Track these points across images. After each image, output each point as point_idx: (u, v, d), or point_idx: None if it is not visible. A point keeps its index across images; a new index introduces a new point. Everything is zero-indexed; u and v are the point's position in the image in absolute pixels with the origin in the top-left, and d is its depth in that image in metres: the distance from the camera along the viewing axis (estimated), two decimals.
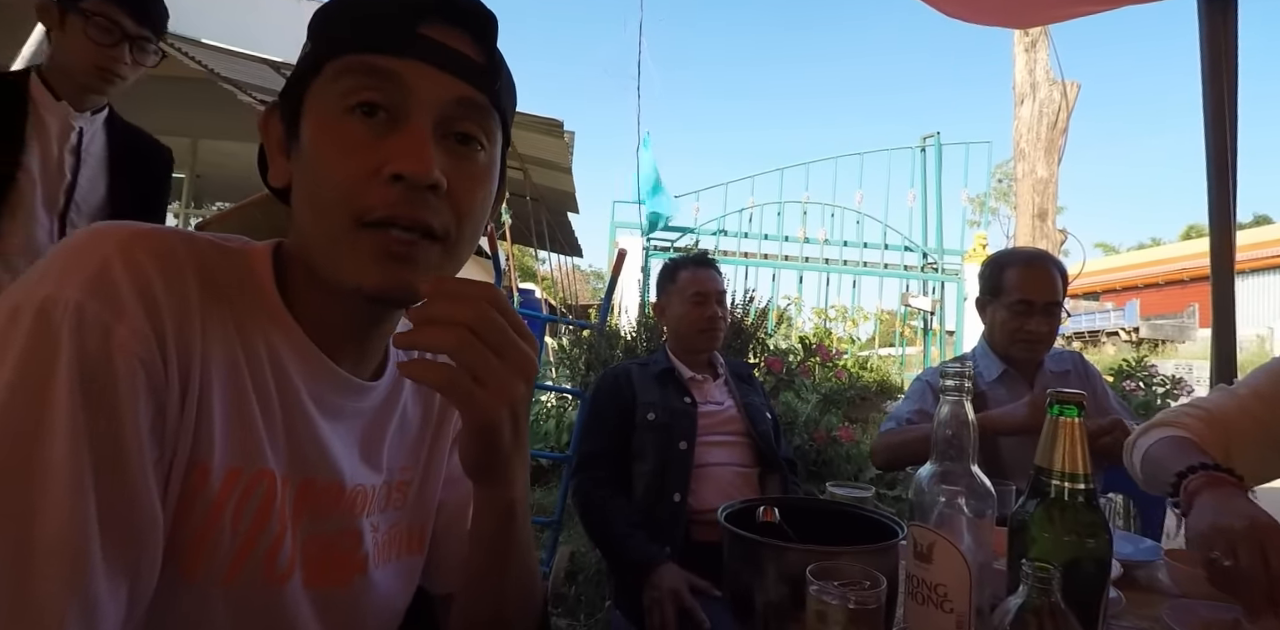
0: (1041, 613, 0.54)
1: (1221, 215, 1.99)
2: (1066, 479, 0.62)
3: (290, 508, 0.53)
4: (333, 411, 0.56)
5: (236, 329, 0.50)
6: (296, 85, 0.52)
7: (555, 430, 3.84)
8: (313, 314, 0.54)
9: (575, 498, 1.59)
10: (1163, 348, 13.53)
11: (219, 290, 0.49)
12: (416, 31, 0.50)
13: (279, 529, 0.52)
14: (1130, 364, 4.27)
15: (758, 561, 0.77)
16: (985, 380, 1.68)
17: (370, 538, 0.60)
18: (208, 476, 0.48)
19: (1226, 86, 1.92)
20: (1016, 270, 1.66)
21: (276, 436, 0.52)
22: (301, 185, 0.52)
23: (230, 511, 0.49)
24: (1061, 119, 6.10)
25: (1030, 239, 6.10)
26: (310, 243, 0.52)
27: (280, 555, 0.52)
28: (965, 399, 0.68)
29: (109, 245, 0.45)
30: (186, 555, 0.47)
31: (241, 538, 0.50)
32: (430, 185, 0.49)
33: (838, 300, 6.16)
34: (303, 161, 0.51)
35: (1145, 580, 1.07)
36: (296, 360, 0.53)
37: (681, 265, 1.78)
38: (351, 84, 0.49)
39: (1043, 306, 1.61)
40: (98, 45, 1.33)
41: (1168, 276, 18.25)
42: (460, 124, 0.52)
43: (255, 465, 0.50)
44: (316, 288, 0.54)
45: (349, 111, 0.49)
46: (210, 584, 0.49)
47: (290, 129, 0.53)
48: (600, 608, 2.35)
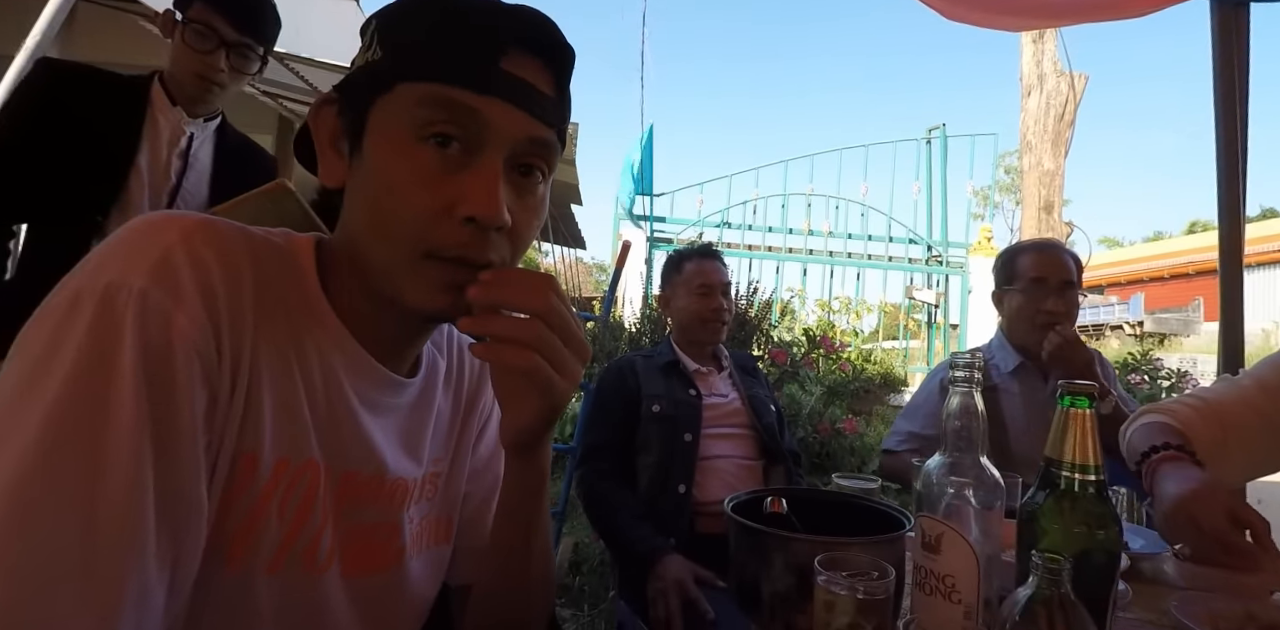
0: (1051, 604, 0.54)
1: (1231, 209, 1.98)
2: (1077, 470, 0.61)
3: (331, 498, 0.54)
4: (375, 407, 0.58)
5: (287, 324, 0.51)
6: (362, 91, 0.52)
7: (559, 421, 3.85)
8: (357, 315, 0.55)
9: (580, 489, 1.59)
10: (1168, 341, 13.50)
11: (271, 285, 0.50)
12: (499, 66, 0.50)
13: (321, 520, 0.53)
14: (1135, 358, 4.27)
15: (765, 552, 0.77)
16: (1000, 372, 1.67)
17: (408, 529, 0.62)
18: (256, 466, 0.48)
19: (1238, 83, 1.92)
20: (1029, 255, 1.66)
21: (322, 429, 0.53)
22: (364, 202, 0.52)
23: (277, 501, 0.50)
24: (1069, 111, 6.05)
25: (1036, 232, 6.07)
26: (371, 261, 0.52)
27: (321, 545, 0.53)
28: (975, 390, 0.68)
29: (172, 234, 0.45)
30: (233, 543, 0.48)
31: (287, 527, 0.51)
32: (498, 227, 0.50)
33: (841, 292, 6.15)
34: (367, 177, 0.51)
35: (1151, 573, 1.06)
36: (341, 357, 0.54)
37: (687, 257, 1.78)
38: (430, 115, 0.49)
39: (1057, 285, 1.59)
40: (195, 52, 1.34)
41: (1173, 270, 18.18)
42: (528, 158, 0.53)
43: (302, 456, 0.51)
44: (364, 294, 0.55)
45: (423, 140, 0.50)
46: (254, 572, 0.49)
47: (352, 133, 0.53)
48: (604, 598, 2.36)
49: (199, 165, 1.48)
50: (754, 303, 4.52)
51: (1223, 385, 1.24)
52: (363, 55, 0.53)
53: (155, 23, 1.48)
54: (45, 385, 0.39)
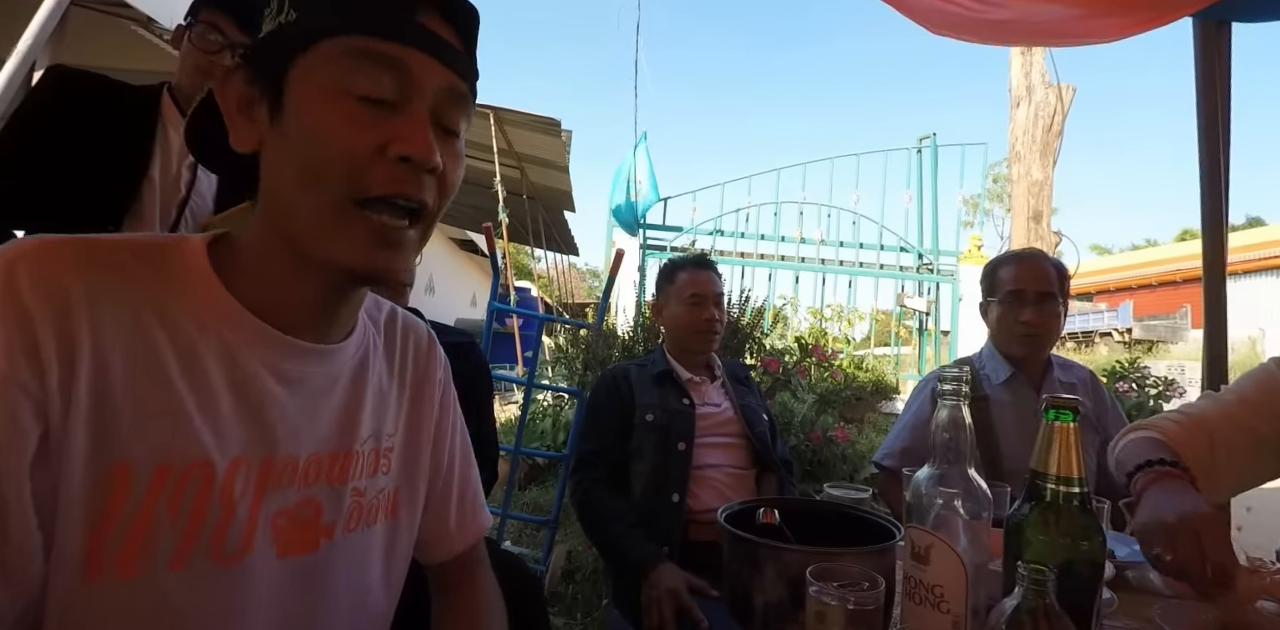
0: (1036, 614, 0.55)
1: (1214, 219, 2.02)
2: (1061, 483, 0.63)
3: (246, 486, 0.53)
4: (296, 380, 0.57)
5: (158, 321, 0.50)
6: (278, 54, 0.52)
7: (552, 429, 3.85)
8: (271, 290, 0.55)
9: (574, 497, 1.59)
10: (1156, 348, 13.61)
11: (129, 287, 0.50)
12: (417, 20, 0.53)
13: (223, 512, 0.52)
14: (1123, 365, 4.30)
15: (757, 562, 0.78)
16: (992, 383, 1.68)
17: (347, 502, 0.61)
18: (130, 476, 0.48)
19: (1220, 98, 1.97)
20: (1009, 267, 1.68)
21: (221, 420, 0.52)
22: (289, 157, 0.52)
23: (164, 505, 0.49)
24: (1057, 122, 6.13)
25: (1025, 241, 6.13)
26: (300, 215, 0.52)
27: (230, 536, 0.52)
28: (963, 403, 0.69)
29: None
30: (122, 551, 0.48)
31: (182, 527, 0.50)
32: (430, 167, 0.52)
33: (833, 300, 6.18)
34: (295, 132, 0.51)
35: (1137, 581, 1.08)
36: (241, 337, 0.53)
37: (680, 266, 1.78)
38: (354, 66, 0.51)
39: (1035, 296, 1.62)
40: (202, 52, 1.34)
41: (1161, 278, 18.36)
42: (447, 110, 0.55)
43: (188, 459, 0.50)
44: (283, 263, 0.54)
45: (351, 92, 0.51)
46: (155, 574, 0.49)
47: (270, 96, 0.53)
48: (597, 607, 2.36)
49: (207, 177, 1.49)
50: (746, 311, 4.54)
51: (1206, 401, 1.26)
52: (272, 20, 0.53)
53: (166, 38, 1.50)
54: None
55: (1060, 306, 1.63)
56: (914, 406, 1.73)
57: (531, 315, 3.07)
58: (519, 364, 6.06)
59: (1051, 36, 2.28)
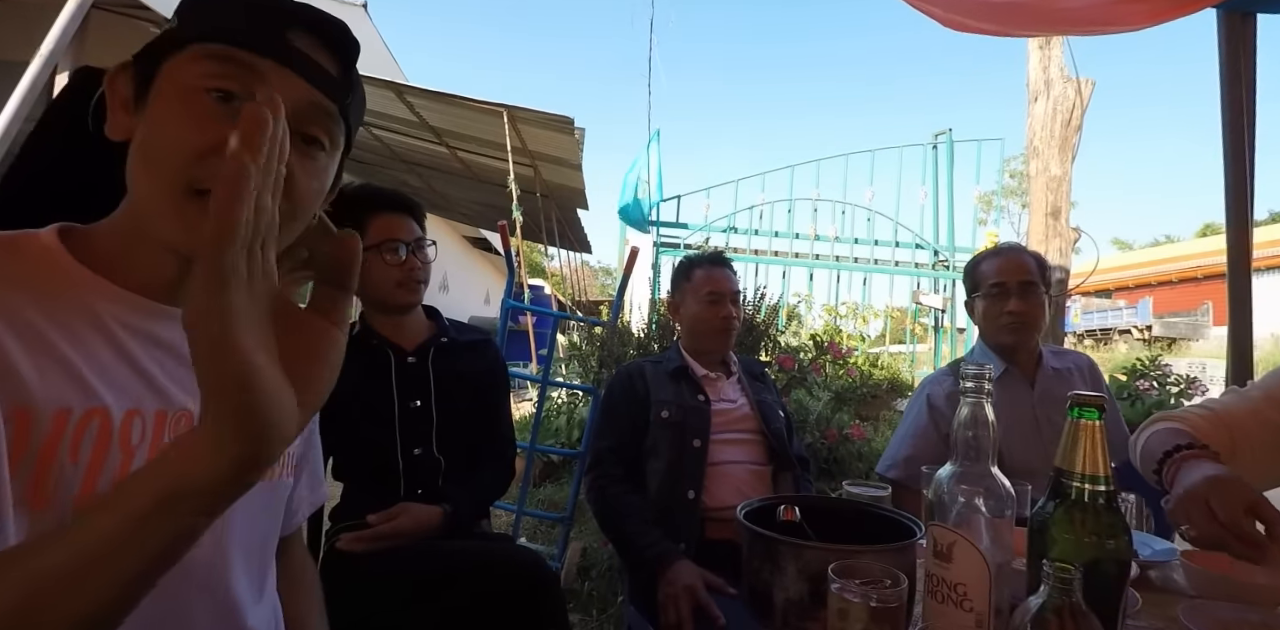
0: (1063, 612, 0.54)
1: (1239, 216, 1.98)
2: (1087, 481, 0.62)
3: (142, 436, 0.57)
4: (174, 343, 0.60)
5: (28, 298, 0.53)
6: (154, 52, 0.56)
7: (566, 427, 3.86)
8: (135, 264, 0.58)
9: (590, 494, 1.60)
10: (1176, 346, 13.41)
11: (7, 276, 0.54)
12: (284, 37, 0.56)
13: (122, 458, 0.55)
14: (1144, 363, 4.25)
15: (778, 559, 0.78)
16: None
17: None
18: (30, 418, 0.51)
19: (1245, 91, 1.93)
20: (988, 262, 1.71)
21: (109, 374, 0.55)
22: (139, 145, 0.56)
23: (66, 447, 0.52)
24: (1075, 116, 6.04)
25: (1043, 237, 6.05)
26: (138, 197, 0.56)
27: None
28: (985, 400, 0.69)
29: None
30: (30, 492, 0.51)
31: (84, 469, 0.53)
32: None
33: (848, 297, 6.15)
34: (147, 125, 0.55)
35: (1160, 581, 1.07)
36: (111, 304, 0.57)
37: (697, 263, 1.78)
38: (213, 69, 0.54)
39: (1017, 286, 1.63)
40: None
41: (1181, 274, 18.08)
42: (307, 124, 0.57)
43: (85, 405, 0.54)
44: (141, 240, 0.58)
45: (205, 91, 0.54)
46: (64, 514, 0.52)
47: (141, 91, 0.57)
48: (613, 603, 2.37)
49: None
50: (761, 308, 4.53)
51: (1231, 397, 1.25)
52: (162, 26, 0.60)
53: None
54: None
55: (1043, 295, 1.65)
56: (912, 414, 1.72)
57: (546, 313, 3.08)
58: (533, 362, 6.08)
59: (1073, 24, 2.24)
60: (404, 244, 1.42)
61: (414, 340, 1.51)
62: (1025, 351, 1.68)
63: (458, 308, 10.66)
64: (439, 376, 1.48)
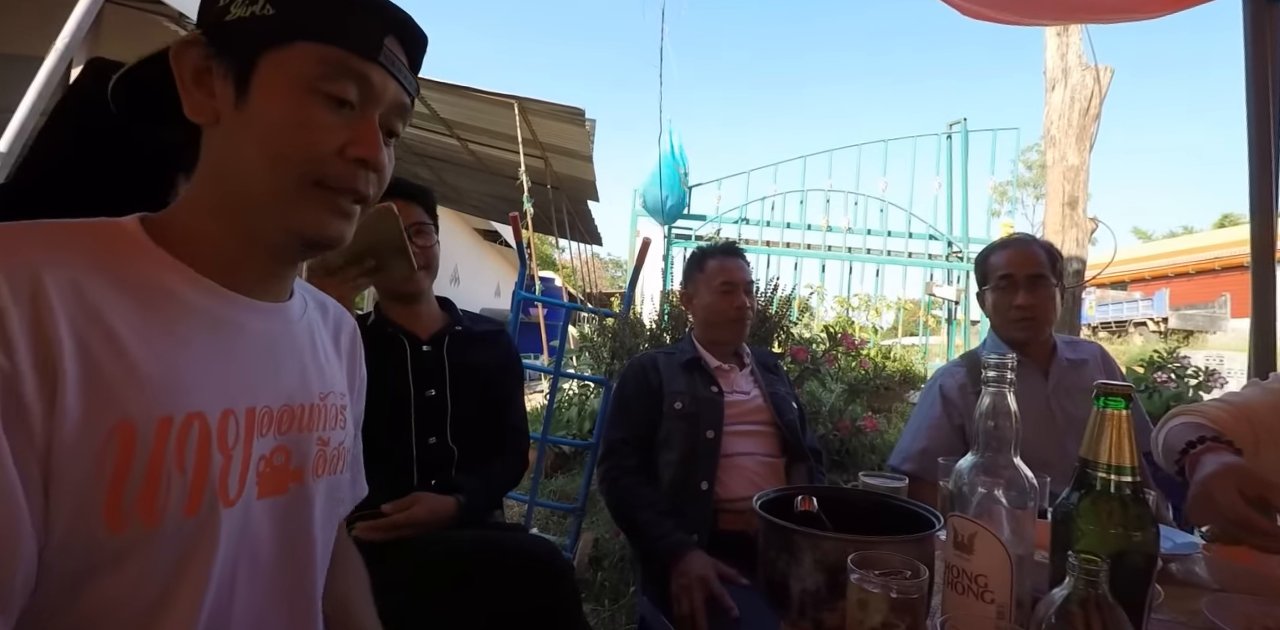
0: (1088, 605, 0.54)
1: (1263, 206, 1.95)
2: (1113, 471, 0.61)
3: (237, 435, 0.58)
4: (258, 334, 0.62)
5: (117, 289, 0.53)
6: (250, 41, 0.58)
7: (578, 418, 3.87)
8: (219, 255, 0.60)
9: (603, 485, 1.60)
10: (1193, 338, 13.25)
11: (87, 262, 0.53)
12: (385, 43, 0.61)
13: (223, 460, 0.56)
14: (1162, 355, 4.20)
15: (795, 550, 0.78)
16: None
17: (313, 450, 0.67)
18: (134, 431, 0.50)
19: (1271, 80, 1.88)
20: (998, 254, 1.68)
21: (203, 375, 0.56)
22: (254, 140, 0.58)
23: (172, 456, 0.52)
24: (1094, 105, 5.94)
25: (1060, 227, 5.98)
26: (259, 190, 0.58)
27: (230, 479, 0.57)
28: (1008, 390, 0.68)
29: None
30: (140, 502, 0.51)
31: (190, 475, 0.54)
32: (376, 167, 0.62)
33: (860, 289, 6.11)
34: (263, 118, 0.57)
35: (1182, 574, 1.06)
36: (200, 296, 0.58)
37: (710, 254, 1.78)
38: (328, 72, 0.58)
39: (1026, 279, 1.60)
40: None
41: (1199, 266, 17.84)
42: (393, 118, 0.64)
43: (185, 409, 0.54)
44: (228, 231, 0.60)
45: (321, 94, 0.58)
46: (171, 519, 0.52)
47: (237, 77, 0.58)
48: (625, 594, 2.38)
49: None
50: (774, 300, 4.50)
51: (1252, 390, 1.23)
52: (244, 7, 0.58)
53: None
54: None
55: (1054, 287, 1.62)
56: (924, 406, 1.70)
57: (558, 304, 3.08)
58: (544, 353, 6.09)
59: (1094, 12, 2.19)
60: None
61: (429, 329, 1.51)
62: (1037, 344, 1.65)
63: (469, 300, 10.65)
64: (454, 366, 1.48)
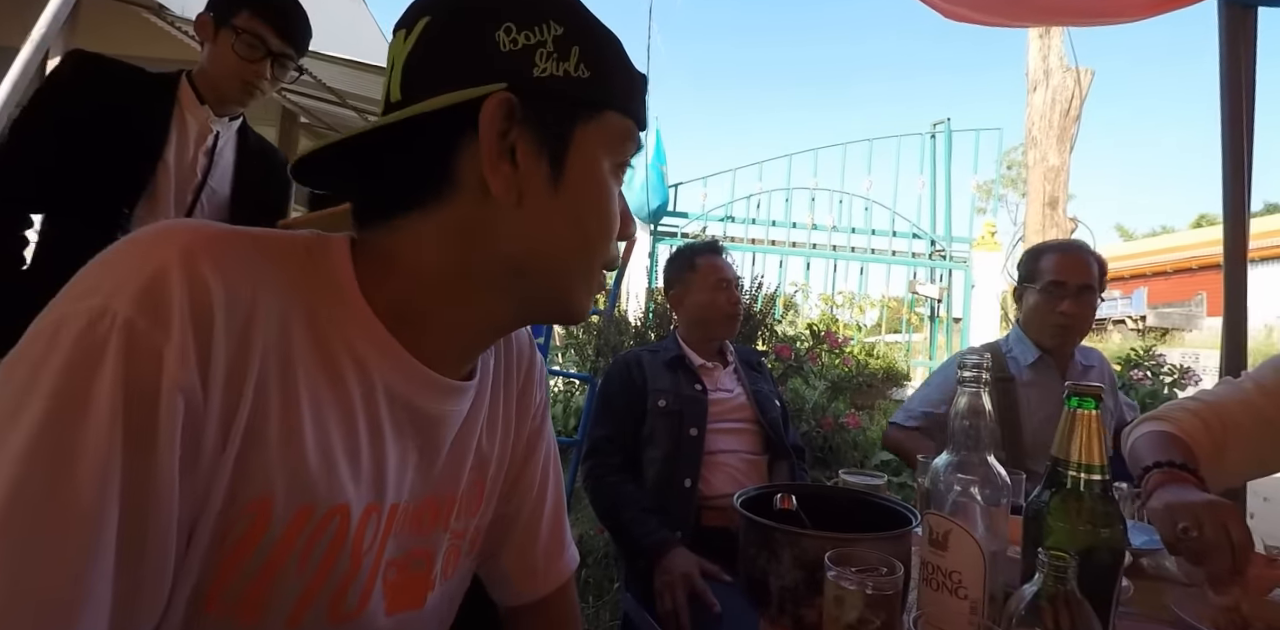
0: (1057, 600, 0.55)
1: (1236, 208, 1.99)
2: (1083, 470, 0.63)
3: (374, 538, 0.51)
4: (428, 419, 0.54)
5: (319, 351, 0.47)
6: (567, 108, 0.50)
7: (563, 415, 3.88)
8: (425, 318, 0.51)
9: (587, 482, 1.61)
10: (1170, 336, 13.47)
11: (300, 299, 0.46)
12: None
13: (351, 564, 0.49)
14: (1138, 353, 4.27)
15: (774, 547, 0.79)
16: (1020, 366, 1.70)
17: (444, 549, 0.59)
18: (269, 513, 0.44)
19: (1244, 83, 1.93)
20: (1052, 256, 1.68)
21: (359, 464, 0.49)
22: (567, 219, 0.51)
23: (298, 551, 0.46)
24: (1074, 106, 6.03)
25: (1040, 227, 6.06)
26: (561, 272, 0.53)
27: (351, 591, 0.50)
28: (983, 390, 0.69)
29: (169, 251, 0.41)
30: (245, 599, 0.45)
31: (309, 577, 0.47)
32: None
33: (845, 287, 6.16)
34: (574, 198, 0.51)
35: (1152, 569, 1.08)
36: (389, 371, 0.50)
37: (699, 252, 1.79)
38: (627, 149, 0.54)
39: (1075, 289, 1.62)
40: (242, 60, 1.39)
41: (1176, 265, 18.11)
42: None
43: (332, 501, 0.47)
44: (462, 296, 0.51)
45: (616, 172, 0.54)
46: (269, 626, 0.47)
47: (551, 154, 0.50)
48: (609, 590, 2.39)
49: (223, 163, 1.50)
50: (758, 298, 4.53)
51: (1224, 388, 1.26)
52: (554, 63, 0.49)
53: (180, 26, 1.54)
54: (18, 429, 0.36)
55: (1097, 300, 1.65)
56: (939, 377, 1.77)
57: None
58: None
59: (1075, 15, 2.23)
60: None
61: None
62: (1064, 349, 1.69)
63: None
64: None
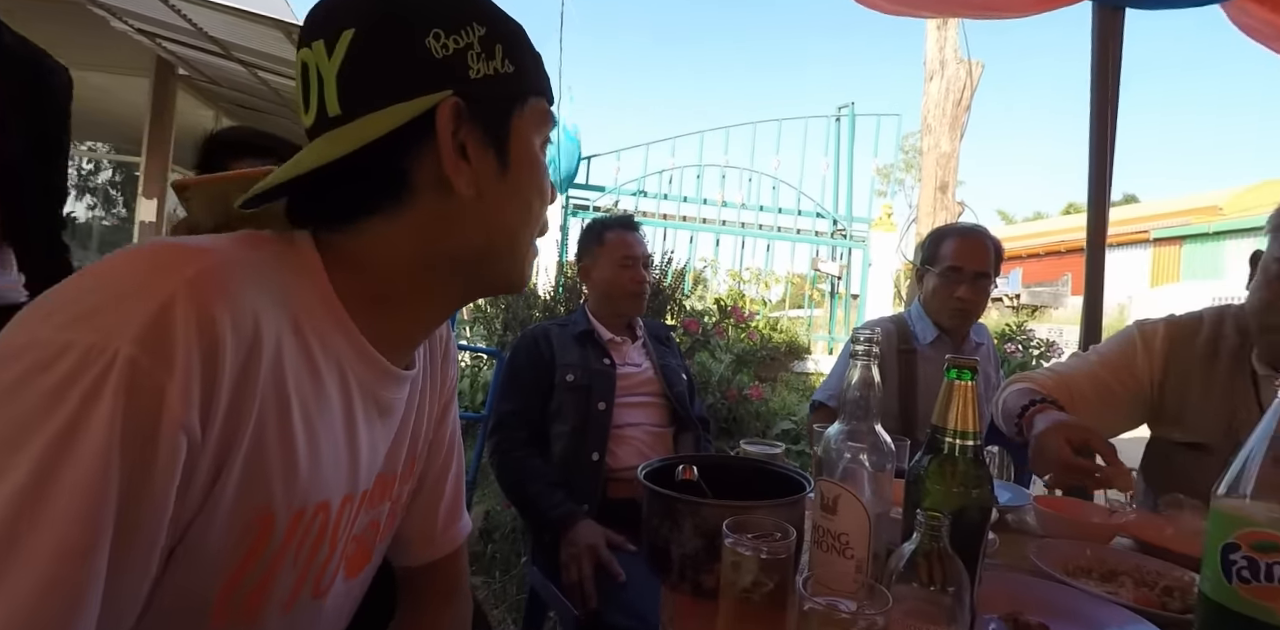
0: (931, 556, 0.59)
1: (1099, 195, 2.17)
2: (958, 436, 0.67)
3: (348, 523, 0.56)
4: (384, 409, 0.58)
5: (305, 359, 0.48)
6: (502, 103, 0.54)
7: (470, 390, 3.80)
8: (377, 316, 0.54)
9: (493, 457, 1.59)
10: (1040, 313, 14.75)
11: (287, 314, 0.47)
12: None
13: (330, 549, 0.54)
14: (1012, 329, 4.65)
15: (676, 517, 0.80)
16: (920, 342, 1.80)
17: (385, 515, 0.64)
18: (272, 524, 0.47)
19: (1111, 80, 2.08)
20: (952, 241, 1.76)
21: (339, 459, 0.53)
22: (514, 204, 0.56)
23: (293, 550, 0.50)
24: (965, 96, 6.39)
25: (932, 210, 6.43)
26: (497, 248, 0.56)
27: (329, 570, 0.55)
28: (873, 364, 0.73)
29: (173, 283, 0.40)
30: (248, 598, 0.48)
31: (299, 569, 0.52)
32: None
33: (752, 263, 6.32)
34: (517, 184, 0.55)
35: (1015, 523, 1.19)
36: (361, 368, 0.54)
37: (609, 226, 1.77)
38: (548, 125, 0.58)
39: (971, 275, 1.72)
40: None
41: (1048, 248, 19.75)
42: None
43: (317, 498, 0.50)
44: (429, 285, 0.55)
45: (543, 148, 0.58)
46: (268, 616, 0.50)
47: (495, 141, 0.54)
48: (516, 565, 2.39)
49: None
50: (668, 272, 4.58)
51: (1074, 360, 1.42)
52: (484, 63, 0.52)
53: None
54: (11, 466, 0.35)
55: (990, 285, 1.75)
56: (846, 354, 1.84)
57: None
58: None
59: (967, 7, 2.34)
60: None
61: None
62: (960, 329, 1.80)
63: None
64: None
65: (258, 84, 5.76)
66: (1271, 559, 0.59)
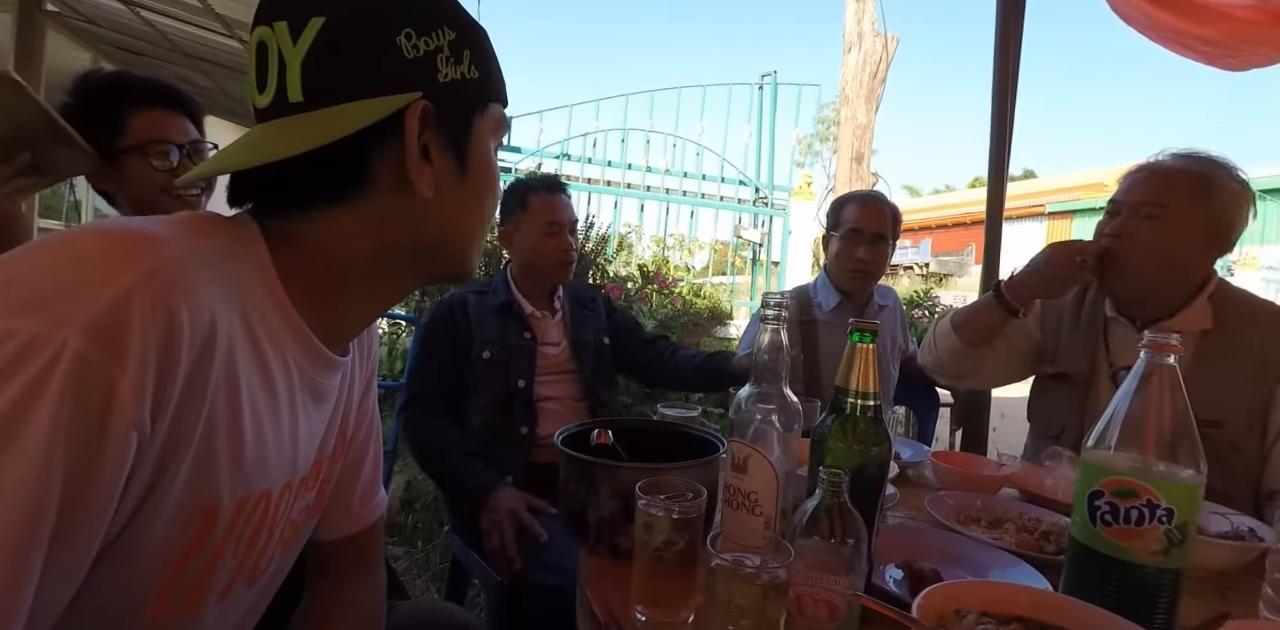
0: (832, 511, 0.62)
1: (999, 170, 2.29)
2: (859, 397, 0.70)
3: (286, 509, 0.57)
4: (320, 396, 0.59)
5: (255, 353, 0.49)
6: (465, 108, 0.55)
7: (388, 358, 3.69)
8: (323, 305, 0.55)
9: (406, 432, 1.54)
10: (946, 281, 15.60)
11: (237, 306, 0.47)
12: None
13: (267, 537, 0.55)
14: (919, 295, 4.90)
15: (592, 480, 0.81)
16: (823, 310, 1.86)
17: (316, 493, 0.65)
18: (216, 516, 0.48)
19: (1011, 59, 2.17)
20: (853, 206, 1.83)
21: (282, 448, 0.53)
22: (476, 204, 0.58)
23: (234, 541, 0.51)
24: (881, 69, 6.54)
25: (847, 180, 6.62)
26: (449, 244, 0.58)
27: (265, 557, 0.56)
28: (782, 328, 0.74)
29: (130, 277, 0.39)
30: (190, 590, 0.49)
31: (239, 559, 0.53)
32: None
33: (676, 229, 6.35)
34: (474, 185, 0.57)
35: (915, 477, 1.27)
36: (303, 358, 0.54)
37: (532, 189, 1.66)
38: (502, 132, 0.60)
39: (870, 236, 1.78)
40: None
41: (955, 219, 20.80)
42: None
43: (260, 487, 0.51)
44: (377, 274, 0.56)
45: (497, 151, 0.60)
46: (206, 606, 0.51)
47: (455, 144, 0.55)
48: (438, 534, 2.37)
49: None
50: (592, 237, 4.54)
51: None
52: (452, 67, 0.53)
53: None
54: None
55: (889, 248, 1.82)
56: (755, 322, 1.89)
57: None
58: None
59: None
60: (176, 146, 1.19)
61: None
62: (861, 292, 1.87)
63: None
64: None
65: (142, 26, 5.20)
66: (1130, 504, 0.65)
